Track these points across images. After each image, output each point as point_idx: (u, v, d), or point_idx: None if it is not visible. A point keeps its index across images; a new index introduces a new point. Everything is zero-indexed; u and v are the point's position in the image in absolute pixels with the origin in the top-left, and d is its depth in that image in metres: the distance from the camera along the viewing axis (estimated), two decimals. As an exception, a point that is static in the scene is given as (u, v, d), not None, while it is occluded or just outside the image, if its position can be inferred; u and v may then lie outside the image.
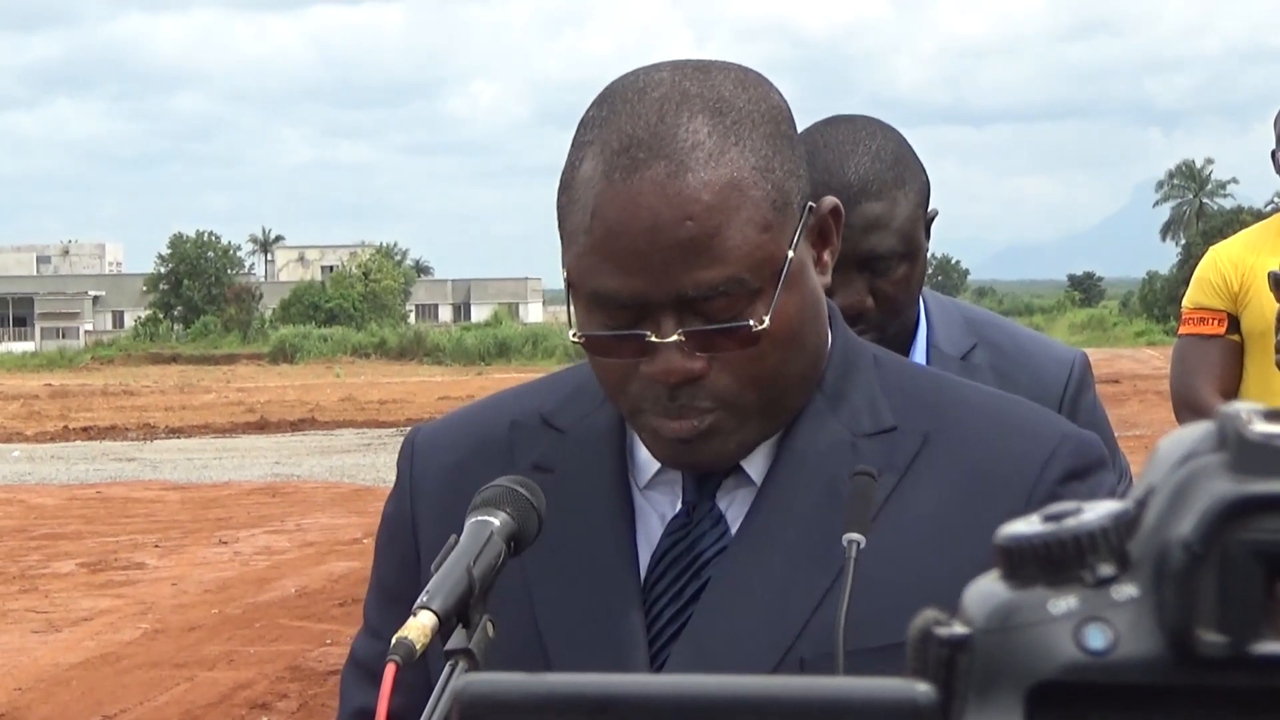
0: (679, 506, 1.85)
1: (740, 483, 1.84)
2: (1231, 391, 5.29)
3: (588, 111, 1.78)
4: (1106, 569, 0.73)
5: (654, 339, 1.73)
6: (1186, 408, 5.29)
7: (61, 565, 15.94)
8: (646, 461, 1.86)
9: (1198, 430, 0.76)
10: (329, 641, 11.91)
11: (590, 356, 1.80)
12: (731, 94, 1.75)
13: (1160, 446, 0.77)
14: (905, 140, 2.96)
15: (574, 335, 1.79)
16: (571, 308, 1.80)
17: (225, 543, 17.15)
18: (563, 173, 1.77)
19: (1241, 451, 0.73)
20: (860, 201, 2.84)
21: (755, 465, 1.83)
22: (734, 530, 1.83)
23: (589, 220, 1.72)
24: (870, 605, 1.72)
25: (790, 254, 1.75)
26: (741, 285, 1.72)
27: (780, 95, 1.82)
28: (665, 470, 1.86)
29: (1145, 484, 0.76)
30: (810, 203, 1.79)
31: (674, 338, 1.73)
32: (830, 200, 1.83)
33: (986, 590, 0.74)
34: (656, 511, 1.86)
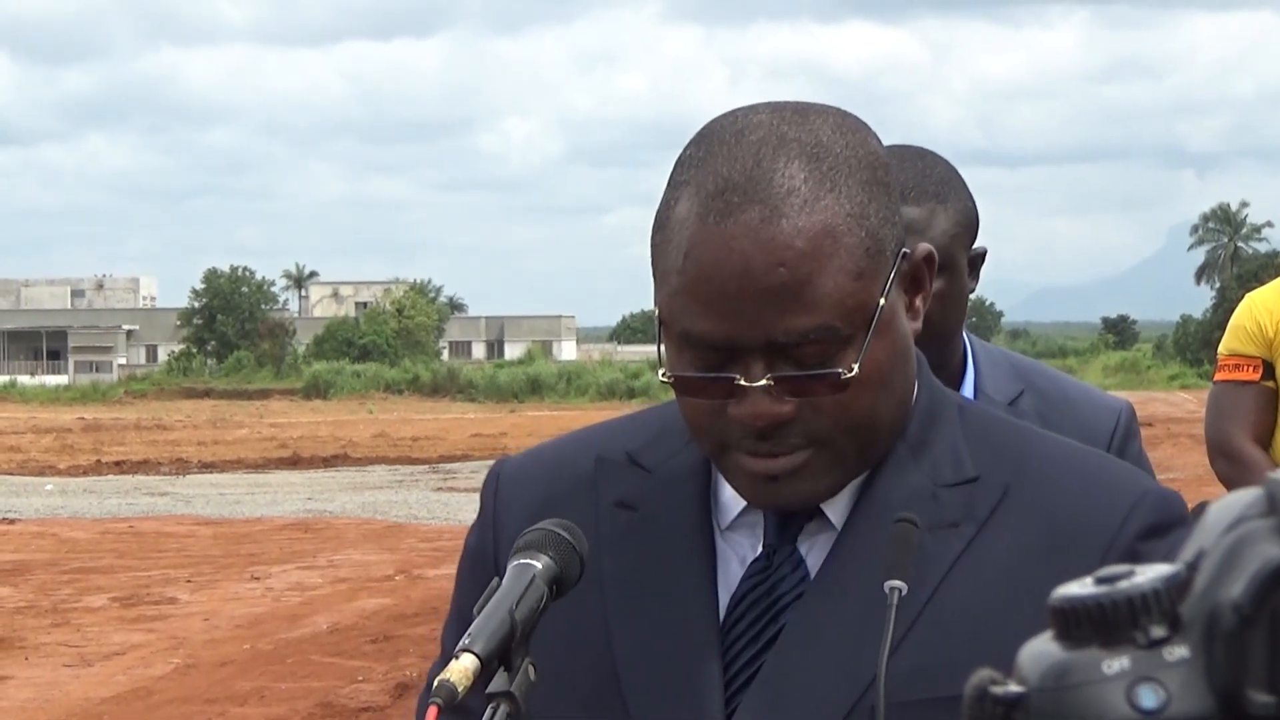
0: (759, 549, 1.84)
1: (822, 527, 1.83)
2: (1266, 438, 5.30)
3: (685, 150, 1.78)
4: (1159, 630, 0.75)
5: (743, 382, 1.73)
6: (1221, 454, 5.30)
7: (94, 599, 15.98)
8: (729, 503, 1.86)
9: (1247, 496, 0.77)
10: (360, 678, 11.92)
11: (678, 396, 1.80)
12: (829, 139, 1.74)
13: (1210, 511, 0.79)
14: (959, 174, 2.98)
15: (664, 375, 1.78)
16: (662, 346, 1.79)
17: (257, 578, 17.18)
18: (658, 210, 1.77)
19: (1290, 517, 0.75)
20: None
21: (837, 510, 1.82)
22: (813, 575, 1.82)
23: (682, 261, 1.72)
24: (939, 655, 1.72)
25: (882, 301, 1.74)
26: (832, 333, 1.72)
27: (878, 141, 1.81)
28: (747, 512, 1.85)
29: (1196, 547, 0.77)
30: (904, 249, 1.78)
31: (763, 382, 1.72)
32: (924, 247, 1.83)
33: (1041, 650, 0.76)
34: (737, 554, 1.85)
